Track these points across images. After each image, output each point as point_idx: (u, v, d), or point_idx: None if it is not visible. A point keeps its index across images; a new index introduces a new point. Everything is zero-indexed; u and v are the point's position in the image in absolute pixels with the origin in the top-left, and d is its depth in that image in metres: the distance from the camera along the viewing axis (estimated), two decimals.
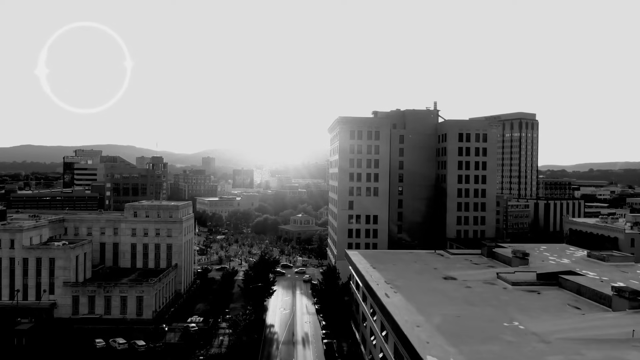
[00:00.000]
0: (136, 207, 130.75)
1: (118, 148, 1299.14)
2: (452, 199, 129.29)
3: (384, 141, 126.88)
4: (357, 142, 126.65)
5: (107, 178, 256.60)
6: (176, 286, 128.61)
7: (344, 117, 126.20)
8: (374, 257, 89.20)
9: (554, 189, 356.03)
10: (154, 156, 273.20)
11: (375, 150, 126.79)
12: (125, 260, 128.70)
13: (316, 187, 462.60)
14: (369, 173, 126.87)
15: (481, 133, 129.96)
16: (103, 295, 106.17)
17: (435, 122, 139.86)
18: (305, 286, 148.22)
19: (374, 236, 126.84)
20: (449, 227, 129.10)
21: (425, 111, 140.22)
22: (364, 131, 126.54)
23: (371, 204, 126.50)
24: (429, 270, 77.97)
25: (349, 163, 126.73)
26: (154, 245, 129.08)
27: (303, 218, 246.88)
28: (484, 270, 77.78)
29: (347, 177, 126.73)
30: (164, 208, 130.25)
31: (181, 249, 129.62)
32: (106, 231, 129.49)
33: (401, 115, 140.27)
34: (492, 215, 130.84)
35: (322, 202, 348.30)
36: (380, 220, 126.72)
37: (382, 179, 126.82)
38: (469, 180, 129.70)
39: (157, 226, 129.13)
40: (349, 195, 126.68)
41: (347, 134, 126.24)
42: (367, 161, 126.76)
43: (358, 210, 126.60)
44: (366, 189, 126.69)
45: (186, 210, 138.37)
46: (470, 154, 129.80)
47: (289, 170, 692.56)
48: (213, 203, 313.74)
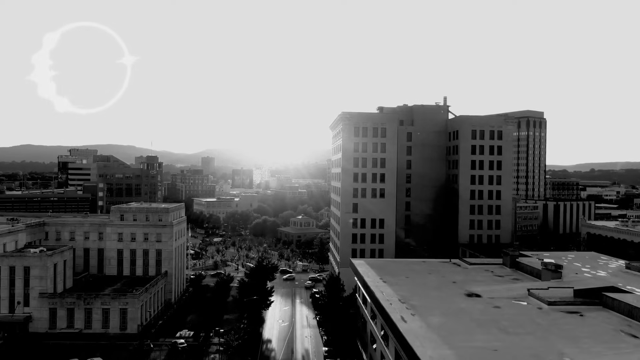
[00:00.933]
0: (123, 210, 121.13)
1: (118, 148, 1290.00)
2: (464, 202, 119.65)
3: (391, 139, 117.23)
4: (361, 140, 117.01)
5: (100, 178, 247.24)
6: (166, 295, 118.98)
7: (347, 113, 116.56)
8: (382, 268, 79.48)
9: (561, 189, 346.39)
10: (148, 155, 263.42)
11: (381, 149, 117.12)
12: (111, 267, 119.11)
13: (317, 187, 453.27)
14: (374, 173, 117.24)
15: (496, 130, 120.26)
16: (83, 307, 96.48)
17: (445, 118, 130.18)
18: (306, 293, 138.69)
19: (380, 241, 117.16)
20: (461, 232, 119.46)
21: (434, 107, 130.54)
22: (369, 128, 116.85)
23: (377, 207, 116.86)
24: (447, 285, 68.28)
25: (352, 162, 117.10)
26: (142, 251, 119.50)
27: (303, 220, 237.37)
28: (510, 284, 68.09)
29: (350, 178, 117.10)
30: (153, 211, 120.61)
31: (172, 255, 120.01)
32: (90, 236, 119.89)
33: (409, 111, 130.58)
34: (507, 219, 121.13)
35: (322, 202, 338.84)
36: (387, 225, 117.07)
37: (389, 180, 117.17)
38: (482, 181, 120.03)
39: (145, 230, 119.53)
40: (353, 198, 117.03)
41: (351, 130, 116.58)
42: (372, 160, 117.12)
43: (363, 214, 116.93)
44: (371, 191, 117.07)
45: (177, 213, 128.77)
46: (485, 152, 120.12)
47: (289, 170, 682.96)
48: (210, 204, 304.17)
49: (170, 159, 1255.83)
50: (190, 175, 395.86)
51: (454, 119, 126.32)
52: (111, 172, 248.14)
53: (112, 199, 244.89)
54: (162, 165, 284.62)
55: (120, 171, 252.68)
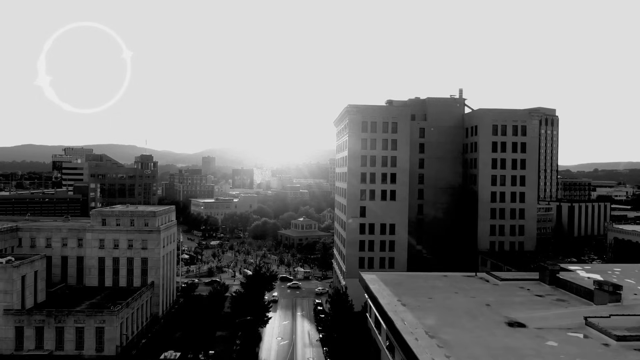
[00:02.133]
0: (105, 214, 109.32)
1: (120, 148, 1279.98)
2: (484, 205, 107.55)
3: (403, 134, 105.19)
4: (369, 136, 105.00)
5: (92, 178, 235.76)
6: (152, 309, 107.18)
7: (354, 106, 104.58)
8: (399, 285, 67.35)
9: (572, 190, 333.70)
10: (142, 154, 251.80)
11: (391, 146, 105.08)
12: (92, 278, 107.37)
13: (318, 187, 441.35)
14: (384, 173, 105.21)
15: (519, 125, 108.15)
16: (54, 326, 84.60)
17: (461, 112, 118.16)
18: (308, 304, 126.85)
19: (390, 249, 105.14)
20: (481, 239, 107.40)
21: (449, 100, 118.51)
22: (379, 122, 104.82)
23: (387, 211, 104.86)
24: (480, 309, 56.09)
25: (360, 161, 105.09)
26: (126, 260, 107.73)
27: (305, 222, 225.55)
28: (557, 309, 55.86)
29: (357, 178, 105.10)
30: (138, 215, 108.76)
31: (159, 264, 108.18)
32: (69, 242, 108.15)
33: (421, 104, 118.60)
34: (532, 224, 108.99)
35: (324, 203, 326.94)
36: (398, 231, 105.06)
37: (401, 181, 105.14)
38: (504, 181, 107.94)
39: (129, 236, 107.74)
40: (360, 200, 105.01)
41: (358, 125, 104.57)
42: (382, 159, 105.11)
43: (371, 218, 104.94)
44: (381, 193, 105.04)
45: (166, 217, 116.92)
46: (507, 150, 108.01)
47: (291, 169, 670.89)
48: (208, 205, 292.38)
49: (171, 158, 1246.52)
50: (188, 175, 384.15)
51: (472, 112, 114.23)
52: (103, 172, 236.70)
53: (105, 200, 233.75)
54: (158, 165, 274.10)
55: (113, 171, 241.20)
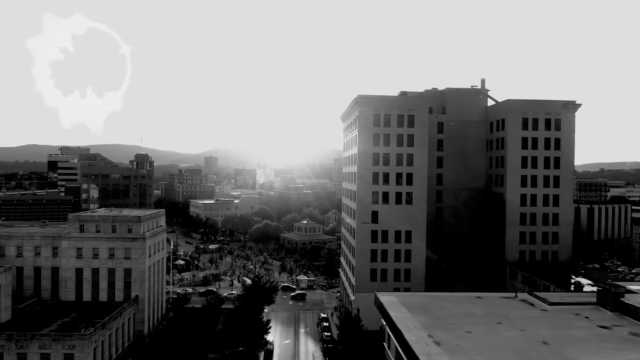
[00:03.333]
0: (83, 219, 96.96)
1: (123, 148, 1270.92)
2: (512, 209, 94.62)
3: (421, 129, 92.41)
4: (382, 131, 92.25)
5: (84, 179, 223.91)
6: (137, 326, 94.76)
7: (364, 96, 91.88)
8: (426, 312, 54.52)
9: (588, 190, 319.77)
10: (137, 153, 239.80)
11: (408, 142, 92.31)
12: (68, 291, 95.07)
13: (322, 188, 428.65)
14: (399, 173, 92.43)
15: (553, 118, 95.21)
16: (15, 352, 72.20)
17: (484, 105, 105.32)
18: (312, 318, 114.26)
19: (406, 259, 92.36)
20: (509, 248, 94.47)
21: (471, 90, 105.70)
22: (393, 115, 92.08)
23: (402, 216, 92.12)
24: (536, 348, 43.21)
25: (371, 159, 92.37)
26: (107, 271, 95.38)
27: (309, 225, 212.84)
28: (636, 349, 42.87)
29: (368, 179, 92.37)
30: (120, 220, 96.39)
31: (144, 275, 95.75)
32: (42, 251, 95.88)
33: (439, 96, 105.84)
34: (567, 231, 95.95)
35: (329, 204, 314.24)
36: (415, 238, 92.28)
37: (418, 182, 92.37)
38: (536, 182, 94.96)
39: (111, 244, 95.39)
40: (372, 204, 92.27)
41: (370, 119, 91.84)
42: (396, 157, 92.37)
43: (385, 224, 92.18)
44: (395, 195, 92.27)
45: (154, 222, 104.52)
46: (539, 147, 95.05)
47: (294, 169, 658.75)
48: (208, 206, 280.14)
49: (175, 158, 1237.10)
50: (188, 176, 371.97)
51: (498, 105, 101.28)
52: (96, 172, 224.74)
53: (99, 202, 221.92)
54: (161, 165, 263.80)
55: (107, 171, 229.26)
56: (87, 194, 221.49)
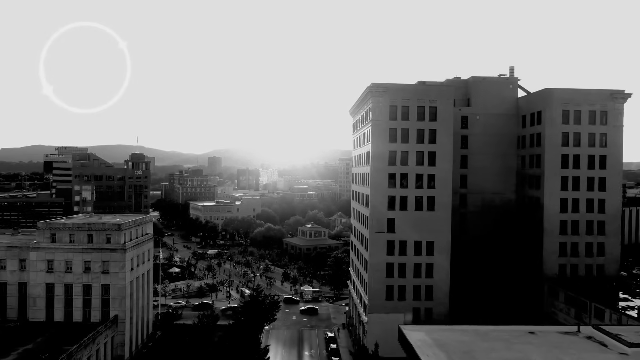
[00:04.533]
0: (55, 227, 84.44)
1: (127, 148, 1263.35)
2: (551, 216, 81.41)
3: (445, 122, 79.42)
4: (400, 125, 79.28)
5: (76, 180, 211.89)
6: (115, 351, 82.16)
7: (379, 85, 78.92)
8: (469, 356, 41.52)
9: None
10: (133, 153, 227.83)
11: (429, 138, 79.34)
12: (37, 310, 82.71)
13: (327, 189, 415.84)
14: (419, 174, 79.45)
15: (598, 110, 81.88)
16: None
17: (514, 96, 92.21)
18: (318, 337, 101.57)
19: (427, 274, 79.36)
20: (547, 260, 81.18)
21: (499, 80, 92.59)
22: (413, 107, 79.11)
23: (424, 224, 79.15)
24: None
25: (387, 158, 79.41)
26: (82, 287, 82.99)
27: (313, 229, 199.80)
28: None
29: (384, 182, 79.39)
30: (97, 228, 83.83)
31: (125, 292, 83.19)
32: (7, 264, 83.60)
33: (462, 86, 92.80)
34: (615, 242, 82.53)
35: (334, 206, 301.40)
36: (438, 250, 79.27)
37: (442, 185, 79.38)
38: (578, 185, 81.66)
39: (86, 257, 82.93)
40: (388, 210, 79.27)
41: (385, 111, 78.88)
42: (417, 156, 79.41)
43: (402, 234, 79.19)
44: (415, 200, 79.27)
45: (138, 230, 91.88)
46: (581, 143, 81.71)
47: (298, 170, 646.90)
48: (208, 209, 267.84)
49: (178, 159, 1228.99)
50: (188, 176, 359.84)
51: (532, 95, 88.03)
52: (89, 173, 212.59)
53: (93, 204, 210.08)
54: (164, 166, 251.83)
55: (101, 171, 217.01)
56: (80, 196, 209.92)
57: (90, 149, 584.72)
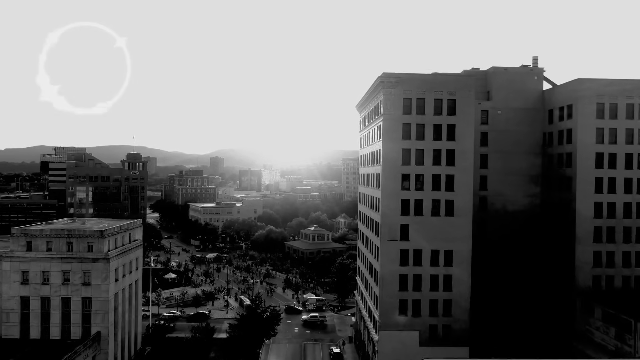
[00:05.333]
0: (31, 233, 76.18)
1: (130, 149, 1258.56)
2: (584, 221, 72.66)
3: (466, 117, 70.92)
4: (415, 120, 70.77)
5: (70, 181, 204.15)
6: None
7: (392, 75, 70.41)
8: None
9: None
10: (129, 152, 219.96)
11: (447, 134, 70.83)
12: (10, 327, 74.54)
13: (330, 189, 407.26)
14: (436, 175, 70.92)
15: (636, 103, 73.06)
16: None
17: (539, 88, 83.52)
18: (322, 352, 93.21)
19: (445, 288, 70.80)
20: (580, 272, 72.42)
21: (523, 70, 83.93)
22: (429, 99, 70.62)
23: (441, 231, 70.63)
24: None
25: (400, 157, 70.90)
26: (60, 301, 74.85)
27: (316, 232, 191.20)
28: None
29: (397, 183, 70.86)
30: (78, 235, 75.55)
31: (108, 306, 74.91)
32: None
33: (481, 77, 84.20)
34: None
35: (337, 208, 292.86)
36: (458, 260, 70.75)
37: (462, 187, 70.84)
38: (614, 187, 72.89)
39: (65, 267, 74.71)
40: (402, 216, 70.73)
41: (398, 103, 70.40)
42: (433, 154, 70.91)
43: (418, 242, 70.65)
44: (432, 205, 70.75)
45: (125, 237, 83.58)
46: (618, 141, 72.88)
47: (301, 170, 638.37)
48: (207, 210, 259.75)
49: (181, 159, 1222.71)
50: (188, 177, 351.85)
51: (561, 87, 79.25)
52: (83, 174, 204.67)
53: (85, 206, 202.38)
54: (167, 166, 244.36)
55: (96, 172, 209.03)
56: (74, 197, 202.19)
57: (93, 149, 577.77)
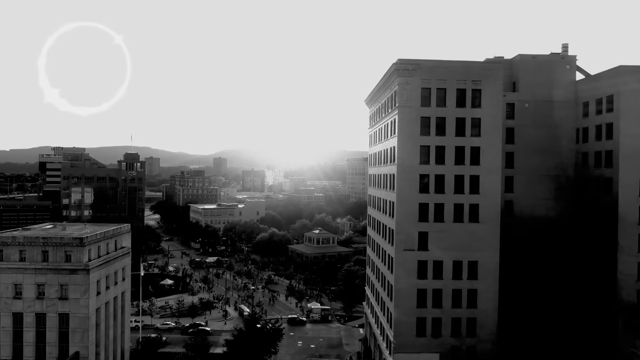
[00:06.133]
0: (2, 241, 67.89)
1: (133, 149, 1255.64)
2: (628, 227, 63.85)
3: (492, 108, 62.37)
4: (435, 113, 62.19)
5: (64, 182, 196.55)
6: None
7: (408, 61, 61.81)
8: None
9: None
10: (127, 152, 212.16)
11: (472, 129, 62.23)
12: None
13: (334, 190, 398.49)
14: (459, 176, 62.33)
15: None
16: None
17: (572, 78, 74.68)
18: None
19: (469, 304, 62.14)
20: (623, 286, 63.60)
21: (554, 58, 75.16)
22: (451, 89, 62.07)
23: (465, 240, 62.03)
24: None
25: (418, 155, 62.29)
26: (34, 317, 66.59)
27: (321, 235, 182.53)
28: None
29: (414, 184, 62.25)
30: (54, 243, 67.28)
31: (88, 323, 66.61)
32: None
33: (507, 66, 75.29)
34: None
35: (342, 209, 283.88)
36: (484, 272, 62.10)
37: (488, 188, 62.23)
38: None
39: (40, 279, 66.50)
40: (420, 222, 62.12)
41: (416, 94, 61.82)
42: (456, 152, 62.34)
43: (438, 252, 62.01)
44: (454, 209, 62.15)
45: (109, 244, 75.21)
46: None
47: (304, 171, 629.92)
48: (208, 212, 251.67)
49: (185, 160, 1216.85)
50: (189, 177, 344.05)
51: (597, 76, 70.41)
52: (79, 174, 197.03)
53: (83, 208, 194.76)
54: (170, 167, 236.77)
55: (92, 172, 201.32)
56: (69, 198, 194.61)
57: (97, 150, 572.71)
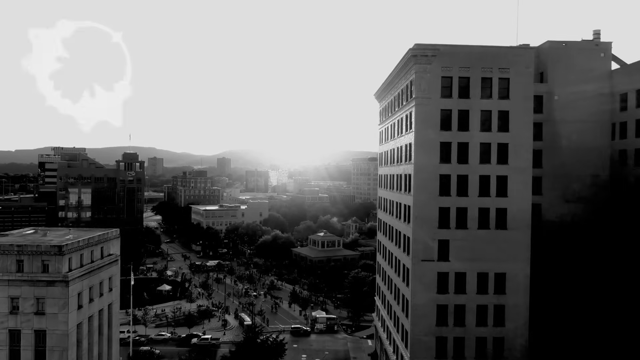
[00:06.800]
0: None
1: (138, 150, 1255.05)
2: None
3: (522, 101, 55.00)
4: (457, 104, 54.87)
5: (60, 182, 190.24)
6: None
7: (427, 46, 54.47)
8: None
9: None
10: (125, 152, 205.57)
11: (499, 123, 54.84)
12: None
13: (339, 191, 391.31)
14: (484, 176, 54.98)
15: None
16: None
17: (607, 68, 67.13)
18: None
19: (496, 322, 54.74)
20: None
21: (587, 45, 67.67)
22: (475, 78, 54.75)
23: (491, 248, 54.60)
24: None
25: (438, 153, 54.98)
26: (8, 334, 59.61)
27: (326, 238, 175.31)
28: None
29: (434, 186, 54.90)
30: (30, 251, 60.30)
31: (67, 342, 59.63)
32: None
33: (534, 55, 67.60)
34: None
35: (347, 210, 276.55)
36: (513, 285, 54.75)
37: (518, 190, 54.93)
38: None
39: (13, 292, 59.59)
40: (440, 228, 54.76)
41: (436, 83, 54.51)
42: (480, 149, 54.98)
43: (460, 263, 54.66)
44: (479, 214, 54.76)
45: (94, 251, 68.16)
46: None
47: (308, 171, 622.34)
48: (210, 213, 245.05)
49: (189, 160, 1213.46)
50: (192, 178, 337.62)
51: (636, 65, 62.82)
52: (75, 175, 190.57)
53: (78, 209, 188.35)
54: (174, 167, 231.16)
55: (89, 173, 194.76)
56: (66, 199, 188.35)
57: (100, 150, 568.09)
